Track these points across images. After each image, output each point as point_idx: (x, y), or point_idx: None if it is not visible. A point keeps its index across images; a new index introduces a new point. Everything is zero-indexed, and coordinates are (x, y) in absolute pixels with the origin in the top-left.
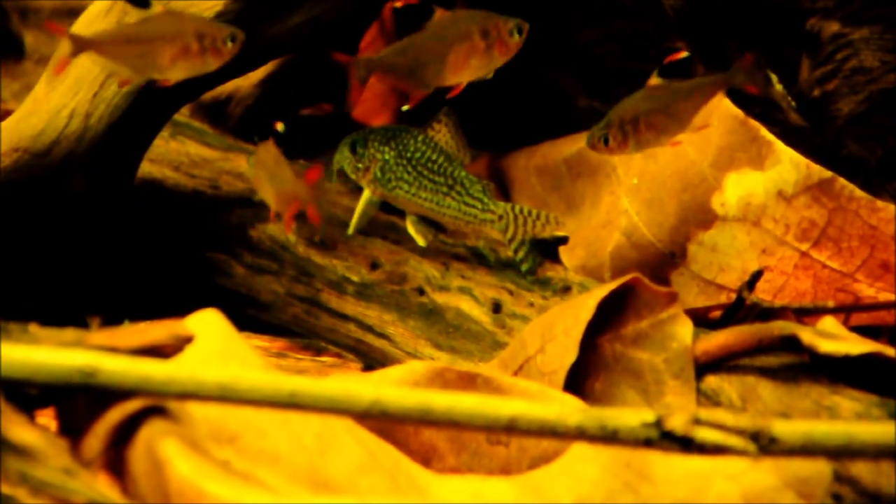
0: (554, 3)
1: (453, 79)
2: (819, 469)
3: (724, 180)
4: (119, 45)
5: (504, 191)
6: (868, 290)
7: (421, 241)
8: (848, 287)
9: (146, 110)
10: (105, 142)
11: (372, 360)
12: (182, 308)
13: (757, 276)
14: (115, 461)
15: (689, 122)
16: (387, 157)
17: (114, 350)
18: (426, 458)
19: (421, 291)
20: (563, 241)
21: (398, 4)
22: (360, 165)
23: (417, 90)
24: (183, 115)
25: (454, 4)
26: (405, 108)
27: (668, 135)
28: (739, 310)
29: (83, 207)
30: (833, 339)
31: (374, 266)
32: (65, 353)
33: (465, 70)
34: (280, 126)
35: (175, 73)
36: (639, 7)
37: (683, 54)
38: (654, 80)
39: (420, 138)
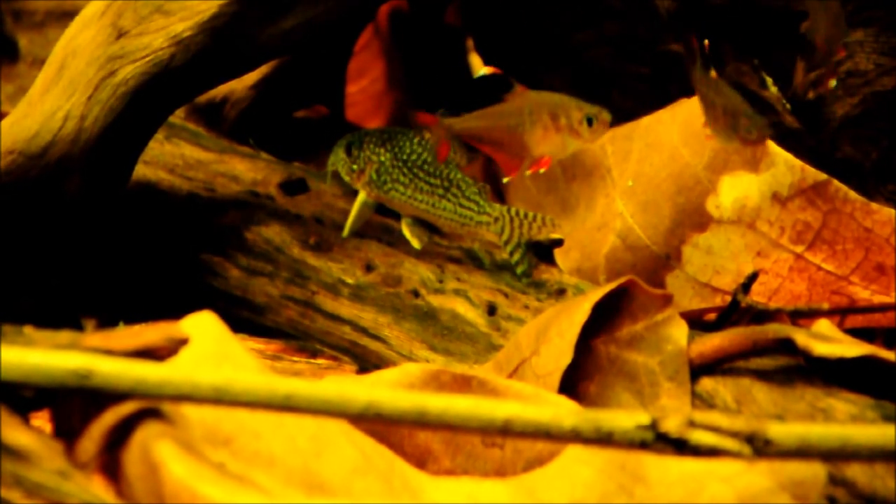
0: (547, 6)
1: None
2: (814, 471)
3: (719, 183)
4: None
5: (499, 193)
6: (863, 293)
7: (416, 244)
8: (843, 289)
9: (141, 113)
10: (100, 144)
11: (367, 363)
12: (177, 310)
13: (752, 278)
14: (110, 464)
15: None
16: (382, 159)
17: (109, 352)
18: (421, 461)
19: (416, 294)
20: (558, 243)
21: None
22: (355, 167)
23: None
24: (178, 117)
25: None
26: (506, 179)
27: None
28: (734, 312)
29: (78, 210)
30: (828, 341)
31: (370, 268)
32: (60, 355)
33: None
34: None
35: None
36: (631, 9)
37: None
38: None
39: (415, 140)
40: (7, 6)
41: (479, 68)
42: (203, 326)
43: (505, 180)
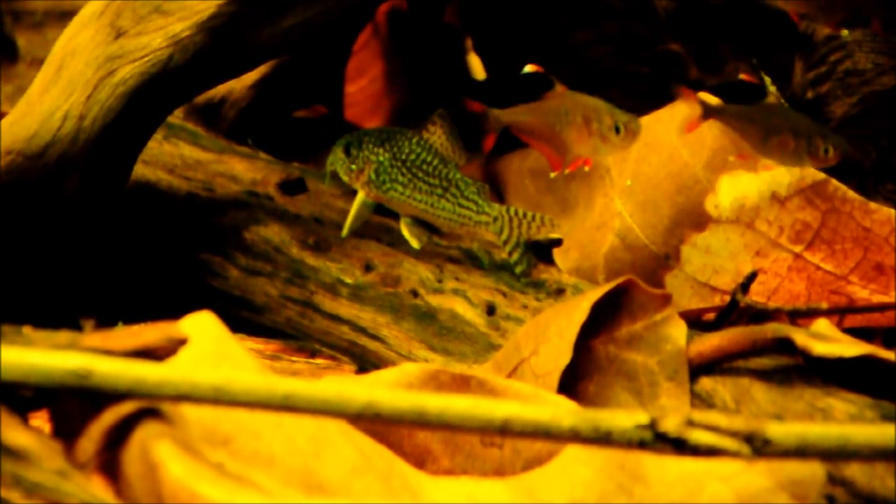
0: (546, 5)
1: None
2: (813, 471)
3: (718, 182)
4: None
5: (498, 193)
6: (862, 292)
7: (415, 244)
8: (842, 289)
9: (140, 112)
10: (99, 144)
11: (366, 363)
12: (176, 310)
13: (751, 278)
14: (110, 463)
15: None
16: (381, 158)
17: (108, 352)
18: (420, 460)
19: (415, 293)
20: (557, 243)
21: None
22: (353, 167)
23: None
24: (177, 117)
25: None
26: (553, 174)
27: None
28: (733, 312)
29: (77, 210)
30: (827, 340)
31: (369, 268)
32: (59, 355)
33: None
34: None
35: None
36: (630, 9)
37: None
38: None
39: (414, 140)
40: (6, 6)
41: (478, 68)
42: (202, 326)
43: (552, 175)
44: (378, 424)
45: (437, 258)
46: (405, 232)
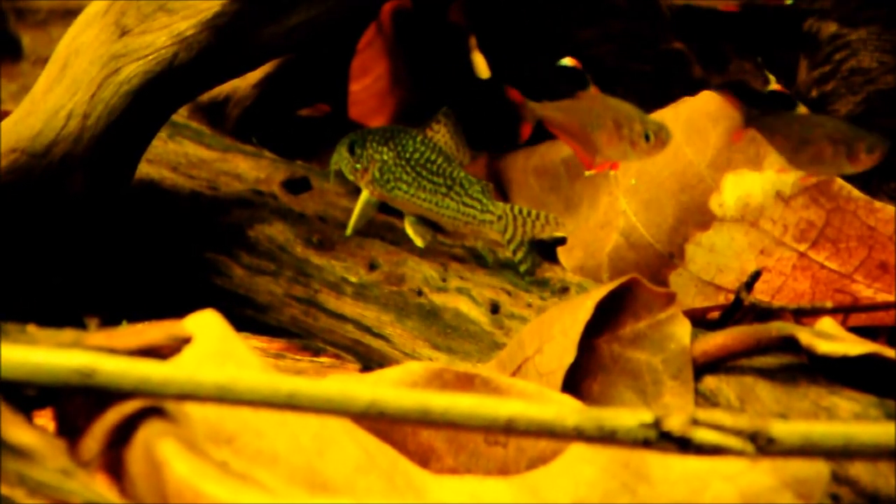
0: (550, 4)
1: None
2: (817, 470)
3: (722, 181)
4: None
5: (502, 191)
6: (866, 291)
7: (419, 242)
8: (846, 288)
9: (144, 111)
10: (103, 143)
11: (370, 361)
12: (180, 309)
13: (755, 276)
14: (114, 462)
15: None
16: (385, 157)
17: (112, 351)
18: (424, 459)
19: (419, 292)
20: (562, 241)
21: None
22: (358, 166)
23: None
24: (181, 115)
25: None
26: (587, 173)
27: None
28: (738, 310)
29: (81, 208)
30: (831, 339)
31: (373, 267)
32: (63, 353)
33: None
34: None
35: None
36: (635, 8)
37: None
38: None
39: (419, 139)
40: (10, 4)
41: (483, 66)
42: (206, 325)
43: (587, 173)
44: (382, 423)
45: (442, 257)
46: (409, 230)
